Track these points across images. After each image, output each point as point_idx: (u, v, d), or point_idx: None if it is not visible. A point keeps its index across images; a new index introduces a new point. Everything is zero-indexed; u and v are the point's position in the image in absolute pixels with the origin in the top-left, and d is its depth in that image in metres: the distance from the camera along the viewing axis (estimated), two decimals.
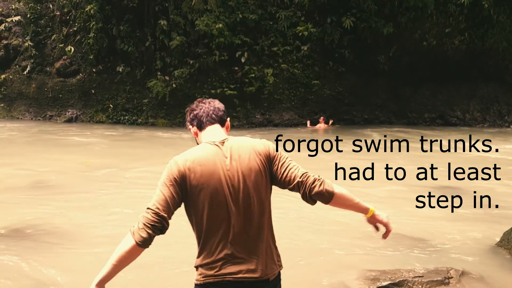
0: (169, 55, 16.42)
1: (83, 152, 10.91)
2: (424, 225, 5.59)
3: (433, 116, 17.08)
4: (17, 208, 6.21)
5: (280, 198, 6.68)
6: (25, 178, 7.94)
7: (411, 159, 9.93)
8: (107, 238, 5.11)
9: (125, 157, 10.38)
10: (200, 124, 2.16)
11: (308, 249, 4.77)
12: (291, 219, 5.77)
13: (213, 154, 2.01)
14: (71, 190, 7.19)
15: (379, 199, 6.80)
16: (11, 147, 11.51)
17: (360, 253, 4.69)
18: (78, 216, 5.87)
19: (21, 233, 5.23)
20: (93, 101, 17.88)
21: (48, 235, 5.16)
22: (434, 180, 8.00)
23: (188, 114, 2.22)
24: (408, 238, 5.07)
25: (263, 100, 16.58)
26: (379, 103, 17.26)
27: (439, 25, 16.39)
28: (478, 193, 6.97)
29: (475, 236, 5.22)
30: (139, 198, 6.61)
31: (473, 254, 4.65)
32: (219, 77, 16.49)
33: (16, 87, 19.16)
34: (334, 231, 5.32)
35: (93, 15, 16.74)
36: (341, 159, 9.21)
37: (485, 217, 5.93)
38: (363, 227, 5.23)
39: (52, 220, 5.69)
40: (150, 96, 16.81)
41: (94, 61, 17.45)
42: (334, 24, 16.21)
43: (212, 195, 1.96)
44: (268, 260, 2.05)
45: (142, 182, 7.69)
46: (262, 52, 16.54)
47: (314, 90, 16.81)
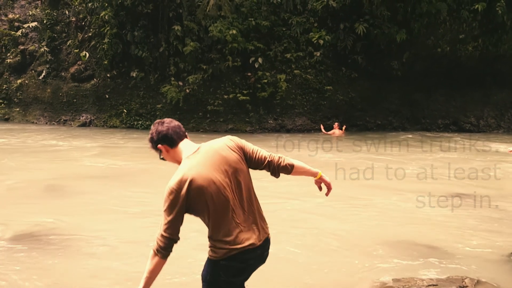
0: (182, 60, 16.57)
1: (94, 156, 11.05)
2: (438, 233, 5.52)
3: (447, 122, 16.99)
4: (29, 212, 6.26)
5: (290, 208, 6.71)
6: (37, 182, 8.00)
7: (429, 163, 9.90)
8: (119, 242, 5.18)
9: (137, 160, 10.50)
10: (171, 142, 2.54)
11: (319, 258, 4.73)
12: (302, 227, 5.77)
13: (198, 164, 2.43)
14: (84, 194, 7.25)
15: (393, 205, 6.79)
16: (22, 152, 11.69)
17: (373, 261, 4.62)
18: (89, 221, 5.90)
19: (27, 238, 5.27)
20: (107, 106, 18.08)
21: (60, 240, 5.19)
22: (451, 186, 7.96)
23: (154, 136, 2.55)
24: (422, 246, 5.01)
25: (275, 105, 16.63)
26: (392, 109, 17.21)
27: (453, 31, 16.33)
28: (495, 201, 6.92)
29: (490, 244, 5.14)
30: (149, 205, 6.68)
31: (488, 262, 4.56)
32: (232, 83, 16.58)
33: (32, 92, 19.46)
34: (345, 239, 5.28)
35: (108, 21, 16.97)
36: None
37: (502, 225, 5.87)
38: (375, 236, 5.27)
39: (63, 224, 5.73)
40: (163, 101, 16.96)
41: (109, 66, 17.66)
42: (347, 30, 16.24)
43: (212, 195, 2.40)
44: (260, 226, 2.57)
45: (153, 187, 7.77)
46: (275, 58, 16.62)
47: (327, 95, 16.82)
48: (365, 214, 6.35)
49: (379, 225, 5.83)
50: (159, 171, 8.74)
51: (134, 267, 4.48)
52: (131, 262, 4.61)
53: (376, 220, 6.05)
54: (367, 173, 9.12)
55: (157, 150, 2.58)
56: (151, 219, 6.08)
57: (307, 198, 6.94)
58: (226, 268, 2.46)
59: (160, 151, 2.58)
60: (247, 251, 2.46)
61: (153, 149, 2.60)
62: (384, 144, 13.29)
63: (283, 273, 4.31)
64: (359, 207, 6.72)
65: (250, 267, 2.55)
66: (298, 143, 13.39)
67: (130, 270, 4.42)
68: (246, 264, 2.50)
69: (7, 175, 8.67)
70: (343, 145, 13.29)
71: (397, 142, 13.71)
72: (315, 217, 6.21)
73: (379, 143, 13.56)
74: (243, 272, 2.54)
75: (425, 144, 13.20)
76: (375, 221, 6.00)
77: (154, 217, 6.14)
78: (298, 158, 2.73)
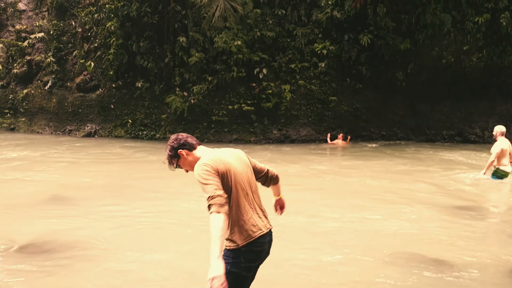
0: (187, 71, 16.66)
1: (101, 167, 11.05)
2: (443, 246, 5.43)
3: (452, 133, 16.97)
4: (35, 222, 6.26)
5: (291, 221, 6.65)
6: (42, 192, 8.01)
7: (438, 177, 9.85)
8: (128, 250, 5.17)
9: (144, 170, 10.49)
10: (191, 146, 2.99)
11: (323, 270, 4.69)
12: (305, 239, 5.72)
13: (221, 153, 2.93)
14: (89, 203, 7.25)
15: (395, 218, 6.72)
16: (30, 161, 11.70)
17: (375, 276, 4.56)
18: (93, 231, 5.88)
19: (39, 248, 5.26)
20: (112, 116, 18.15)
21: (67, 249, 5.18)
22: (458, 199, 7.90)
23: (175, 144, 2.98)
24: (427, 259, 4.95)
25: (280, 116, 16.66)
26: (397, 120, 17.21)
27: (457, 42, 16.39)
28: (502, 215, 6.86)
29: (496, 257, 5.08)
30: (158, 212, 6.68)
31: (494, 276, 4.51)
32: (236, 93, 16.64)
33: (37, 102, 19.56)
34: (346, 254, 5.17)
35: (114, 32, 17.12)
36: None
37: (508, 237, 5.81)
38: (377, 250, 5.19)
39: (71, 233, 5.73)
40: (168, 111, 17.02)
41: (114, 76, 17.76)
42: (352, 41, 16.32)
43: (235, 177, 2.85)
44: (266, 217, 3.04)
45: (161, 195, 7.78)
46: (280, 69, 16.70)
47: (331, 106, 16.85)
48: (364, 227, 6.22)
49: (381, 239, 5.72)
50: (165, 181, 8.78)
51: (140, 275, 4.48)
52: (136, 269, 4.60)
53: (377, 234, 5.92)
54: (364, 184, 9.08)
55: (175, 157, 2.97)
56: (157, 226, 6.08)
57: (302, 212, 6.91)
58: (246, 253, 2.81)
59: (178, 158, 2.97)
60: (262, 236, 2.88)
61: (171, 159, 2.99)
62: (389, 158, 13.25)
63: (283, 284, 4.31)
64: (355, 222, 6.60)
65: (264, 252, 2.93)
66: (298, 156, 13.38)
67: (136, 277, 4.42)
68: (262, 248, 2.89)
69: (12, 184, 8.68)
70: (345, 156, 13.30)
71: (403, 152, 13.70)
72: (312, 228, 6.14)
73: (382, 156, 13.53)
74: (259, 257, 2.91)
75: (424, 156, 13.17)
76: (377, 235, 5.87)
77: (160, 225, 6.16)
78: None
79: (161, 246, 5.33)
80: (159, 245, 5.38)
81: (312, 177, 9.87)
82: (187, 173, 3.08)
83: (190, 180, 3.20)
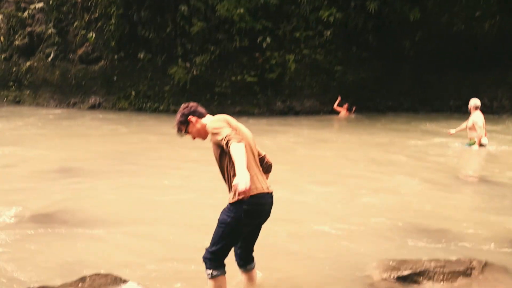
0: (190, 41, 16.35)
1: (107, 139, 11.02)
2: (446, 215, 5.41)
3: (459, 104, 16.45)
4: (45, 192, 6.25)
5: (296, 192, 6.58)
6: (53, 163, 8.02)
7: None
8: (135, 220, 5.16)
9: (152, 143, 10.47)
10: (200, 113, 3.23)
11: (326, 239, 4.66)
12: (307, 209, 5.67)
13: (230, 118, 3.12)
14: (98, 175, 7.23)
15: (401, 185, 6.63)
16: (39, 133, 11.72)
17: (379, 242, 4.56)
18: (102, 201, 5.89)
19: (49, 218, 5.25)
20: (115, 88, 18.00)
21: (77, 219, 5.18)
22: (459, 169, 7.76)
23: (186, 111, 3.21)
24: (430, 228, 4.91)
25: (284, 87, 16.36)
26: (404, 90, 16.81)
27: (469, 8, 15.74)
28: (502, 184, 6.74)
29: (499, 226, 5.03)
30: (163, 187, 6.61)
31: (496, 245, 4.48)
32: (239, 64, 16.32)
33: (41, 75, 19.45)
34: (351, 221, 5.18)
35: (114, 1, 16.77)
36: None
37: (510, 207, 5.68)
38: (381, 217, 5.13)
39: (80, 204, 5.73)
40: (171, 83, 16.81)
41: (116, 47, 17.52)
42: (358, 8, 15.78)
43: (244, 135, 3.06)
44: (267, 180, 3.22)
45: (168, 167, 7.70)
46: (284, 38, 16.28)
47: (337, 76, 16.49)
48: (370, 195, 6.20)
49: (384, 207, 5.69)
50: (174, 151, 8.76)
51: (147, 247, 4.44)
52: (143, 243, 4.56)
53: (381, 202, 5.90)
54: (370, 150, 8.96)
55: (185, 123, 3.19)
56: (167, 198, 5.99)
57: (307, 183, 6.82)
58: (247, 210, 2.93)
59: (188, 124, 3.19)
60: (264, 195, 3.02)
61: (181, 125, 3.21)
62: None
63: (292, 249, 4.34)
64: (363, 188, 6.56)
65: (264, 212, 3.08)
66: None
67: (143, 250, 4.38)
68: (263, 208, 3.04)
69: (20, 156, 8.66)
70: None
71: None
72: (320, 198, 6.08)
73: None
74: (259, 215, 3.06)
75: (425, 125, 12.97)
76: (381, 203, 5.86)
77: (170, 196, 6.09)
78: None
79: (172, 218, 5.26)
80: (169, 217, 5.32)
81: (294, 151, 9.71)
82: (194, 140, 3.31)
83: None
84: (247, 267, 3.33)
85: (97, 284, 2.91)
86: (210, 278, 3.04)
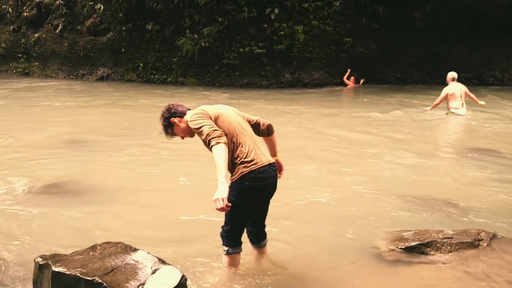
0: (197, 12, 16.20)
1: (116, 112, 11.11)
2: (454, 187, 5.48)
3: (469, 76, 16.31)
4: (51, 165, 6.34)
5: (300, 164, 6.68)
6: (59, 135, 8.12)
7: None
8: (145, 192, 5.26)
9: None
10: (181, 113, 3.22)
11: (334, 211, 4.75)
12: (313, 181, 5.75)
13: (208, 106, 3.18)
14: (105, 147, 7.33)
15: (408, 159, 6.70)
16: (45, 105, 11.82)
17: (388, 214, 4.64)
18: (112, 173, 6.00)
19: (60, 188, 5.38)
20: (123, 60, 17.99)
21: (87, 190, 5.29)
22: (469, 141, 7.80)
23: (166, 114, 3.23)
24: (438, 200, 4.99)
25: (292, 58, 16.28)
26: (413, 62, 16.67)
27: None
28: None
29: (506, 198, 5.09)
30: (169, 161, 6.71)
31: (504, 217, 4.53)
32: (248, 35, 16.21)
33: (49, 46, 19.42)
34: (359, 192, 5.27)
35: None
36: None
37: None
38: (389, 189, 5.22)
39: (91, 176, 5.83)
40: (179, 54, 16.76)
41: (124, 19, 17.41)
42: None
43: (229, 120, 3.09)
44: (266, 152, 3.25)
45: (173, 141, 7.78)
46: (293, 8, 16.08)
47: (346, 48, 16.36)
48: (377, 167, 6.29)
49: (392, 179, 5.78)
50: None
51: (156, 218, 4.54)
52: (154, 213, 4.65)
53: (389, 174, 5.99)
54: (378, 126, 8.98)
55: (170, 125, 3.21)
56: (179, 170, 6.10)
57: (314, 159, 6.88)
58: (249, 186, 3.00)
59: (172, 126, 3.21)
60: (263, 168, 3.05)
61: (166, 128, 3.24)
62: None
63: (300, 222, 4.41)
64: (370, 160, 6.64)
65: (269, 186, 3.12)
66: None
67: (153, 221, 4.47)
68: (265, 182, 3.07)
69: (27, 129, 8.80)
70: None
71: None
72: (323, 171, 6.16)
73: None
74: (264, 189, 3.11)
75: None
76: (389, 175, 5.95)
77: (175, 167, 6.22)
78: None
79: (183, 191, 5.33)
80: (181, 190, 5.39)
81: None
82: (183, 140, 3.34)
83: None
84: (260, 243, 3.40)
85: (107, 252, 2.93)
86: (225, 254, 3.20)
